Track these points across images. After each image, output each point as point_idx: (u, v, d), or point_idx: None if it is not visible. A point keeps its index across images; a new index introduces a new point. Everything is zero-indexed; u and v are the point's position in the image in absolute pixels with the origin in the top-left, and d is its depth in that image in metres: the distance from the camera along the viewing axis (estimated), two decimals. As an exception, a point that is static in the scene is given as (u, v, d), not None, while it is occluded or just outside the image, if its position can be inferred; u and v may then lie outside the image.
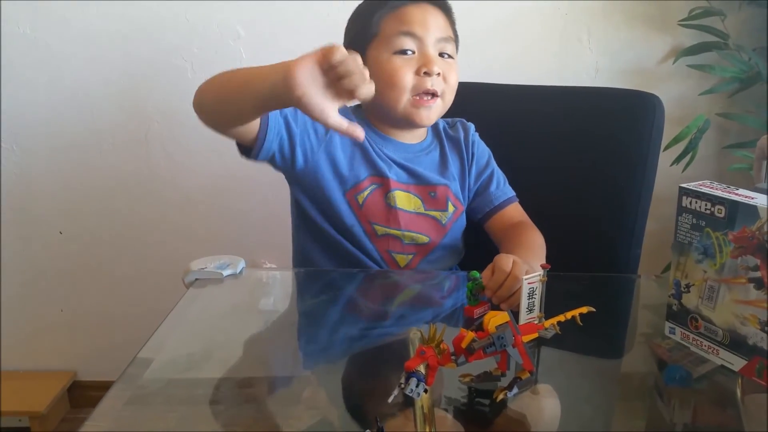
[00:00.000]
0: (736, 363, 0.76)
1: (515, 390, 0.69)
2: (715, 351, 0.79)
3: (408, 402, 0.65)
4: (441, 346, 0.66)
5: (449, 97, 1.15)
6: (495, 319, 0.68)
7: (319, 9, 1.67)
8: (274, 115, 1.03)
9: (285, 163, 1.09)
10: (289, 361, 0.85)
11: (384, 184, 1.14)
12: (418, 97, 1.10)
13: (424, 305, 1.05)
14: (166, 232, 1.84)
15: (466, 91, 1.33)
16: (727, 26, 1.65)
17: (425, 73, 1.09)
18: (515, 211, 1.23)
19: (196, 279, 1.02)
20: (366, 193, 1.13)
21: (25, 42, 1.69)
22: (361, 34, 1.13)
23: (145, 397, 0.72)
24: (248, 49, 1.71)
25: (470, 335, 0.66)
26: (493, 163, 1.26)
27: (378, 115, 1.17)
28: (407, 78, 1.09)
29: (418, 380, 0.62)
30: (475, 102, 1.35)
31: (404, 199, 1.15)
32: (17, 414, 1.79)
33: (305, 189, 1.15)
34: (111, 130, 1.77)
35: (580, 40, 1.73)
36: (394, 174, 1.15)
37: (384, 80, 1.09)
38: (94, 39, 1.70)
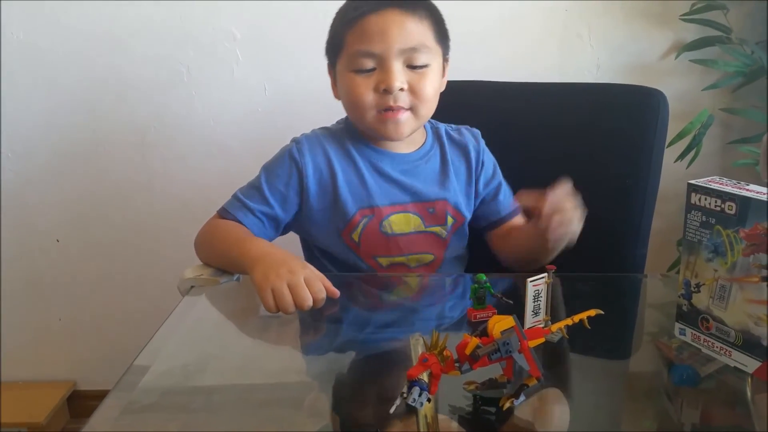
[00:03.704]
0: (750, 365, 0.74)
1: (522, 398, 0.67)
2: (727, 352, 0.76)
3: (411, 411, 0.63)
4: (444, 353, 0.64)
5: (423, 110, 1.09)
6: (499, 324, 0.65)
7: (315, 9, 1.64)
8: (259, 228, 1.10)
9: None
10: (290, 368, 0.83)
11: (376, 214, 1.11)
12: (383, 112, 1.06)
13: (428, 310, 1.03)
14: (164, 238, 1.81)
15: (468, 90, 1.32)
16: (730, 20, 1.62)
17: (384, 90, 1.04)
18: (520, 220, 1.20)
19: (192, 286, 1.00)
20: (359, 229, 1.11)
21: (20, 47, 1.67)
22: (331, 45, 1.12)
23: (142, 406, 0.70)
24: (244, 50, 1.69)
25: (474, 341, 0.64)
26: (499, 173, 1.23)
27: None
28: (367, 97, 1.06)
29: (421, 389, 0.60)
30: (477, 100, 1.34)
31: (402, 221, 1.12)
32: (17, 425, 1.77)
33: (303, 234, 1.18)
34: (107, 136, 1.75)
35: (581, 36, 1.71)
36: (386, 198, 1.12)
37: (347, 98, 1.09)
38: (89, 43, 1.68)
